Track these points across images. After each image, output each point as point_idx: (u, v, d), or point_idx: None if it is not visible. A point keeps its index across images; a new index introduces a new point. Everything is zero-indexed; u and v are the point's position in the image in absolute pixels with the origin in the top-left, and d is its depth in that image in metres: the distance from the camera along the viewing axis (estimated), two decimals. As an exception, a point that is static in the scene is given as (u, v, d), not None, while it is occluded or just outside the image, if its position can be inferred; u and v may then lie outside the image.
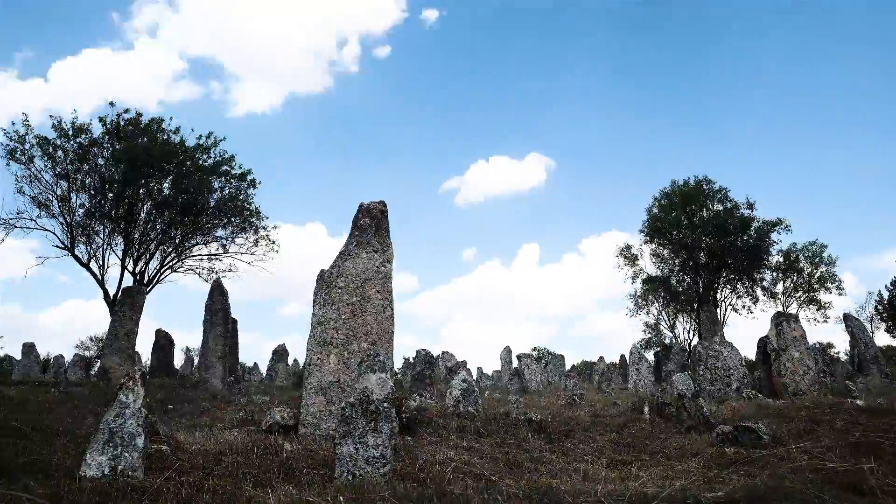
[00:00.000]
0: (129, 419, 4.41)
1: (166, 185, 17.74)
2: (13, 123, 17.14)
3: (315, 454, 5.40)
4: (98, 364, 15.95)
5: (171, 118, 18.47)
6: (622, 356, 27.47)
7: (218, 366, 14.40)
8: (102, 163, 17.21)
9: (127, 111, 17.72)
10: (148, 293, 16.74)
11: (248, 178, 19.04)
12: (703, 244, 23.36)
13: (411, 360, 18.54)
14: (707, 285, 25.09)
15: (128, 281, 17.37)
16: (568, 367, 24.38)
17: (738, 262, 23.76)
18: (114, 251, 18.08)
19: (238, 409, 8.88)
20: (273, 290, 77.83)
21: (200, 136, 18.45)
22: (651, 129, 71.39)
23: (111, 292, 17.17)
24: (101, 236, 17.98)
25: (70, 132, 16.97)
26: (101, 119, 17.49)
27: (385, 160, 75.45)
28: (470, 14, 72.00)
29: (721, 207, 23.85)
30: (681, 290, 26.10)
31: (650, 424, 8.16)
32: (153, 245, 18.34)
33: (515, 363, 21.51)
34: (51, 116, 17.26)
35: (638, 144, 72.13)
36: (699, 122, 72.01)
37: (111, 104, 17.69)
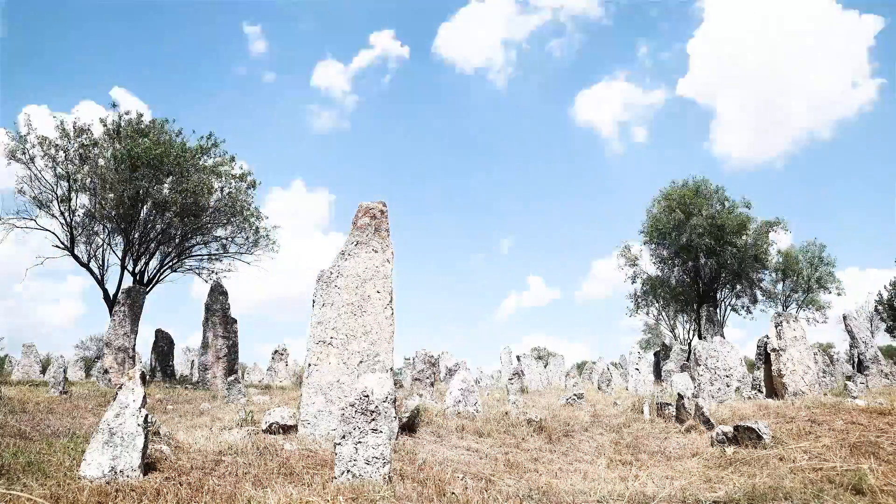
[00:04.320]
0: (128, 419, 4.41)
1: (166, 185, 17.72)
2: (15, 123, 17.11)
3: (315, 454, 5.40)
4: (98, 364, 15.93)
5: (173, 120, 18.41)
6: (622, 356, 27.51)
7: (218, 366, 14.42)
8: (103, 163, 17.20)
9: (128, 112, 17.77)
10: (148, 293, 16.74)
11: (248, 178, 19.09)
12: (703, 245, 23.38)
13: (411, 359, 18.55)
14: (707, 285, 25.12)
15: (128, 281, 17.36)
16: (568, 367, 24.37)
17: (737, 263, 23.78)
18: (114, 251, 18.09)
19: (238, 409, 8.88)
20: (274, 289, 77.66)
21: (202, 137, 18.47)
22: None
23: (111, 292, 17.18)
24: (101, 236, 17.99)
25: (71, 133, 16.97)
26: (101, 120, 17.50)
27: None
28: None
29: (719, 207, 23.88)
30: (681, 290, 26.12)
31: (650, 424, 8.17)
32: (153, 245, 18.34)
33: (515, 363, 21.51)
34: (53, 116, 17.24)
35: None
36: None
37: (113, 105, 17.75)
